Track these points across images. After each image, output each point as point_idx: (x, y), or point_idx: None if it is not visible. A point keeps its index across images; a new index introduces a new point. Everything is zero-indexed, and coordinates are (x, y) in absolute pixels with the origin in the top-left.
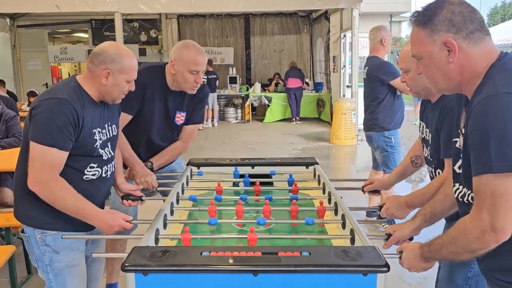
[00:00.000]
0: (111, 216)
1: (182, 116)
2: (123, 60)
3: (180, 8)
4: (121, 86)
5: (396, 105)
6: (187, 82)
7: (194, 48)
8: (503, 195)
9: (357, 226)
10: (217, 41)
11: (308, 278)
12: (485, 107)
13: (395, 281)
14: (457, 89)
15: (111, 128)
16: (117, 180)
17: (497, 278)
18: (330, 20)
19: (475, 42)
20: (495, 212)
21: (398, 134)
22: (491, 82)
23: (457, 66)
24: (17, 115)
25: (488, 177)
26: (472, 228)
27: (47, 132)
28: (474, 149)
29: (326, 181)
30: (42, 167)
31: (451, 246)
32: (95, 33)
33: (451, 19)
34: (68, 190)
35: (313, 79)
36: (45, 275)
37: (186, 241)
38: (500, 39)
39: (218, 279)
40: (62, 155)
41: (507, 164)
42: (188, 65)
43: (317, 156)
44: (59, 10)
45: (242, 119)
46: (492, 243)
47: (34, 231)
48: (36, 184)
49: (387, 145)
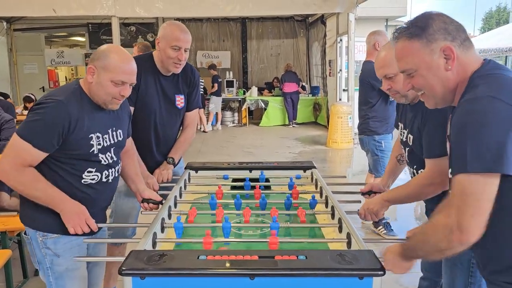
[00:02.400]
0: (80, 207)
1: (182, 99)
2: (108, 57)
3: (177, 12)
4: (105, 86)
5: (389, 110)
6: (170, 58)
7: (177, 25)
8: (472, 194)
9: (353, 229)
10: (214, 45)
11: (305, 281)
12: (464, 110)
13: (392, 284)
14: (450, 99)
15: (116, 134)
16: (139, 187)
17: (500, 281)
18: (326, 25)
19: (467, 50)
20: (463, 210)
21: (389, 139)
22: (473, 87)
23: (454, 73)
24: (13, 118)
25: (462, 177)
26: (441, 226)
27: (30, 128)
28: (453, 150)
29: (323, 185)
30: (14, 159)
31: (423, 245)
32: (92, 37)
33: (446, 28)
34: (38, 179)
35: (309, 83)
36: (46, 278)
37: (207, 244)
38: (495, 44)
39: (215, 282)
40: (37, 153)
41: (481, 165)
42: (169, 41)
43: (313, 159)
44: (56, 14)
45: (239, 122)
46: (456, 242)
47: (35, 233)
48: (3, 173)
49: (377, 149)
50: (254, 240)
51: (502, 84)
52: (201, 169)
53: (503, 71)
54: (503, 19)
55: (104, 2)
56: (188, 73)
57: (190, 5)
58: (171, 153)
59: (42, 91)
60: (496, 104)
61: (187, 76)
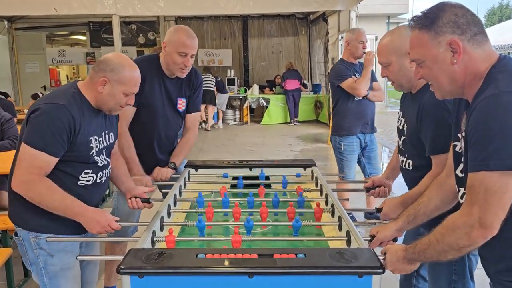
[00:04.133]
0: (99, 213)
1: (183, 102)
2: (123, 70)
3: (178, 11)
4: (118, 97)
5: (350, 110)
6: (176, 63)
7: (185, 31)
8: (496, 193)
9: (353, 228)
10: (215, 43)
11: (303, 280)
12: (487, 105)
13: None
14: (459, 92)
15: (108, 137)
16: (128, 185)
17: (506, 280)
18: (328, 22)
19: (478, 44)
20: (486, 208)
21: (350, 142)
22: (493, 82)
23: (462, 67)
24: (13, 117)
25: (484, 174)
26: (461, 223)
27: (40, 136)
28: (473, 146)
29: (324, 183)
30: (29, 169)
31: (438, 245)
32: (93, 36)
33: (456, 21)
34: (54, 190)
35: (311, 80)
36: (40, 278)
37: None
38: (497, 40)
39: (213, 281)
40: (51, 160)
41: (505, 163)
42: (176, 46)
43: (315, 157)
44: (57, 13)
45: (240, 120)
46: (480, 238)
47: (28, 234)
48: (21, 185)
49: (336, 151)
50: (281, 238)
51: None
52: (201, 167)
53: None
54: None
55: (105, 1)
56: (192, 77)
57: (191, 3)
58: (172, 157)
59: (44, 90)
60: None
61: (191, 80)
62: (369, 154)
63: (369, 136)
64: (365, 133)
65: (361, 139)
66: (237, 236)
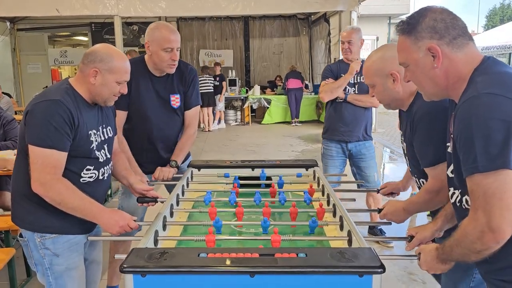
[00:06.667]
0: (117, 213)
1: (177, 99)
2: (112, 60)
3: (180, 11)
4: (110, 86)
5: (330, 113)
6: (163, 61)
7: (165, 26)
8: (495, 194)
9: (354, 227)
10: (217, 43)
11: (304, 279)
12: (467, 108)
13: (393, 282)
14: (444, 94)
15: (106, 130)
16: (130, 180)
17: (497, 279)
18: (330, 23)
19: (459, 48)
20: (489, 211)
21: (330, 147)
22: (473, 85)
23: (442, 71)
24: (14, 118)
25: (478, 177)
26: (470, 229)
27: (44, 134)
28: (461, 150)
29: (325, 183)
30: (45, 169)
31: (457, 248)
32: (95, 36)
33: (434, 26)
34: (73, 190)
35: (312, 81)
36: (45, 278)
37: (210, 242)
38: (499, 41)
39: (215, 280)
40: (62, 156)
41: (493, 163)
42: (161, 43)
43: (316, 157)
44: (59, 14)
45: (241, 121)
46: (492, 243)
47: (33, 235)
48: (41, 187)
49: (321, 152)
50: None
51: (502, 80)
52: (203, 167)
53: (502, 67)
54: (507, 16)
55: (107, 2)
56: (184, 72)
57: (193, 4)
58: (173, 155)
59: None
60: (497, 99)
61: (182, 75)
62: (358, 164)
63: (356, 144)
64: (348, 141)
65: (343, 146)
66: (276, 236)
